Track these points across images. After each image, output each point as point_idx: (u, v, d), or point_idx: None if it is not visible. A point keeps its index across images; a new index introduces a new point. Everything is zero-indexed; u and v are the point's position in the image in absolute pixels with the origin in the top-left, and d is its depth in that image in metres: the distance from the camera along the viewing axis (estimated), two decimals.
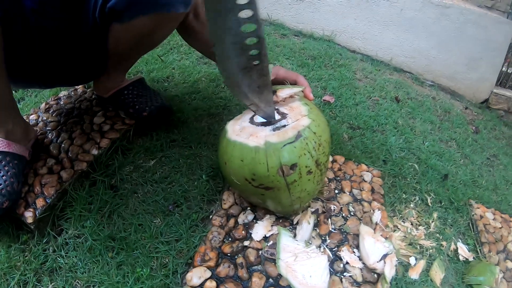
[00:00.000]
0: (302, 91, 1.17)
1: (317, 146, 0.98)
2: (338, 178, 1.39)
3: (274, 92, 1.11)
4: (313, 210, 1.21)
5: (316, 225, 1.18)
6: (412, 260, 1.20)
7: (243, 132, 1.00)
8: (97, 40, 1.22)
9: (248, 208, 1.19)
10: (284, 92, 1.12)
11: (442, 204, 1.53)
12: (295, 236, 1.11)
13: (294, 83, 1.22)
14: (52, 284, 0.97)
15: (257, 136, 0.97)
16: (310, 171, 0.98)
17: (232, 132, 1.02)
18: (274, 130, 0.99)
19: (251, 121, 1.06)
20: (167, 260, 1.04)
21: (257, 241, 1.08)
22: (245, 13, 0.74)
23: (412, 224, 1.36)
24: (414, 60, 2.96)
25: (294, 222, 1.16)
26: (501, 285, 1.26)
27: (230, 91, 0.99)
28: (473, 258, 1.34)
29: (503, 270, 1.32)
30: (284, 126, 1.00)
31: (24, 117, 1.32)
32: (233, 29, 0.78)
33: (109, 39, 1.22)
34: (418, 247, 1.27)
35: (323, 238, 1.15)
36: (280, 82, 1.22)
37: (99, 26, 1.17)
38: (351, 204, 1.29)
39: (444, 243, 1.34)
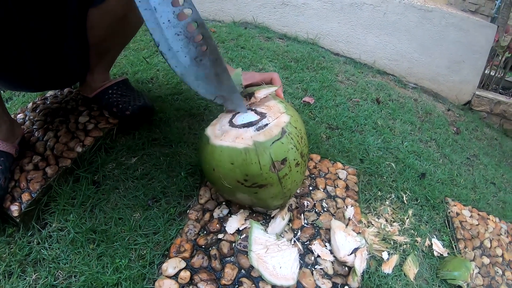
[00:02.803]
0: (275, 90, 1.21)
1: (300, 139, 1.04)
2: (313, 175, 1.43)
3: (252, 94, 1.15)
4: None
5: (290, 220, 1.21)
6: (385, 255, 1.24)
7: (227, 136, 1.02)
8: (79, 34, 1.26)
9: (223, 203, 1.22)
10: (261, 92, 1.15)
11: (418, 201, 1.57)
12: (267, 229, 1.15)
13: (270, 83, 1.25)
14: (36, 274, 1.00)
15: (243, 138, 0.99)
16: (298, 163, 1.03)
17: (214, 137, 1.04)
18: (258, 130, 1.02)
19: (231, 124, 1.07)
20: (145, 252, 1.07)
21: (231, 234, 1.12)
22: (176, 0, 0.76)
23: (386, 221, 1.40)
24: (397, 62, 3.00)
25: (272, 216, 1.20)
26: (476, 280, 1.30)
27: (191, 87, 0.99)
28: (448, 253, 1.37)
29: (479, 266, 1.36)
30: (266, 125, 1.03)
31: (12, 116, 1.36)
32: (170, 21, 0.80)
33: (87, 29, 1.26)
34: (392, 243, 1.31)
35: (295, 232, 1.18)
36: (257, 84, 1.25)
37: (78, 17, 1.21)
38: (324, 200, 1.33)
39: (418, 239, 1.37)
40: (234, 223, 1.15)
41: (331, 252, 1.15)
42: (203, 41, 0.88)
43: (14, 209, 1.08)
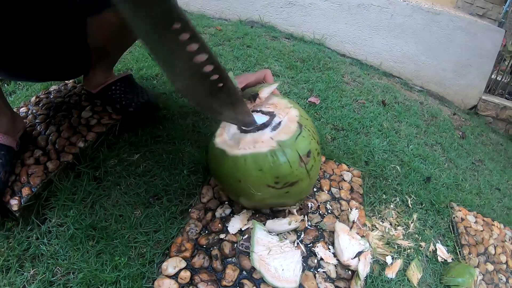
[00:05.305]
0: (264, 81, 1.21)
1: (314, 129, 1.05)
2: (318, 176, 1.41)
3: (256, 95, 1.14)
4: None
5: (296, 228, 1.19)
6: (388, 259, 1.22)
7: (244, 144, 0.99)
8: (79, 33, 1.25)
9: (226, 202, 1.21)
10: (264, 92, 1.13)
11: (423, 206, 1.55)
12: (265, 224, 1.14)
13: (263, 80, 1.24)
14: (34, 270, 0.99)
15: (263, 141, 0.97)
16: (318, 152, 1.05)
17: (230, 148, 1.01)
18: (273, 129, 1.01)
19: (242, 130, 1.06)
20: (144, 250, 1.06)
21: (233, 234, 1.11)
22: (191, 47, 0.74)
23: (391, 224, 1.38)
24: (403, 65, 2.99)
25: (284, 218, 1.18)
26: (480, 287, 1.28)
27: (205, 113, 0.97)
28: (452, 259, 1.36)
29: (483, 273, 1.34)
30: (279, 123, 1.03)
31: (15, 110, 1.35)
32: (186, 63, 0.79)
33: (87, 33, 1.25)
34: (396, 247, 1.29)
35: (298, 234, 1.17)
36: (253, 85, 1.23)
37: (77, 20, 1.20)
38: (329, 202, 1.31)
39: (423, 243, 1.36)
40: (236, 223, 1.13)
41: (335, 255, 1.13)
42: (219, 80, 0.86)
43: (14, 203, 1.07)
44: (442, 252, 1.37)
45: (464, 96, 3.00)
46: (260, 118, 1.07)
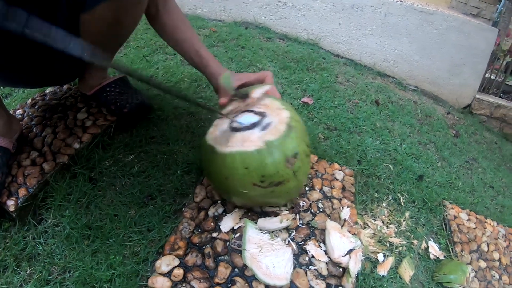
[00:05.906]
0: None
1: (303, 131, 1.07)
2: (310, 175, 1.43)
3: (247, 95, 1.16)
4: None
5: (287, 227, 1.20)
6: (380, 257, 1.23)
7: (233, 142, 1.01)
8: (72, 33, 1.25)
9: (219, 201, 1.23)
10: (257, 92, 1.16)
11: (415, 204, 1.56)
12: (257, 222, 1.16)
13: (263, 81, 1.26)
14: (31, 269, 1.01)
15: (251, 140, 0.99)
16: (307, 154, 1.06)
17: (220, 145, 1.02)
18: (263, 129, 1.02)
19: (232, 128, 1.07)
20: (139, 249, 1.08)
21: (225, 232, 1.12)
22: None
23: (383, 222, 1.39)
24: (397, 65, 3.00)
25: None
26: (472, 284, 1.29)
27: None
28: (444, 257, 1.37)
29: (476, 270, 1.35)
30: (269, 123, 1.04)
31: (11, 112, 1.36)
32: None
33: (81, 33, 1.25)
34: (388, 245, 1.30)
35: (290, 232, 1.18)
36: (250, 84, 1.25)
37: (69, 19, 1.19)
38: (320, 201, 1.32)
39: (415, 241, 1.37)
40: (228, 222, 1.15)
41: (326, 253, 1.15)
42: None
43: (11, 204, 1.09)
44: (434, 250, 1.38)
45: (458, 95, 3.01)
46: (251, 118, 1.08)
